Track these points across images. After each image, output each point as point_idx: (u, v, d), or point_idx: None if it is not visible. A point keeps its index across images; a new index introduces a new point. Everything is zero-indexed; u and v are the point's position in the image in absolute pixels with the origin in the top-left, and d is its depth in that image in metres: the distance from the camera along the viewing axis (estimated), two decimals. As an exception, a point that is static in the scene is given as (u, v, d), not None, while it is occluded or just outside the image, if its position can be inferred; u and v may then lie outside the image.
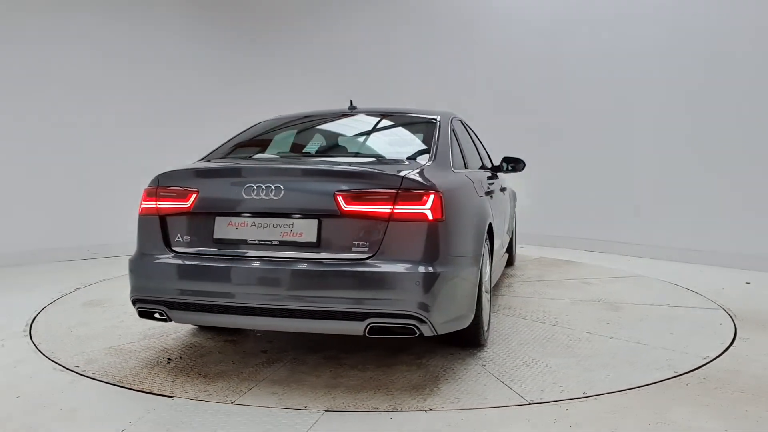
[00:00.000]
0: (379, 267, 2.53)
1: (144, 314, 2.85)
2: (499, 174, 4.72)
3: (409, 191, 2.58)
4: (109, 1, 6.73)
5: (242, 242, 2.71)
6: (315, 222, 2.63)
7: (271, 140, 3.62)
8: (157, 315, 2.81)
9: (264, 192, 2.66)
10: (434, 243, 2.59)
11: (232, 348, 3.34)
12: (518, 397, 2.63)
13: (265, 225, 2.68)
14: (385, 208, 2.56)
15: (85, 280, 5.21)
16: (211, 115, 7.18)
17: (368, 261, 2.55)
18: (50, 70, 6.27)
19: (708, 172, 6.06)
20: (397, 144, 3.52)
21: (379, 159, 3.22)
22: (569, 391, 2.69)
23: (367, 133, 3.67)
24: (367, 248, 2.57)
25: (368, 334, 2.55)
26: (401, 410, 2.51)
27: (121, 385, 2.77)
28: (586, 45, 6.93)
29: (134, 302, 2.86)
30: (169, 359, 3.15)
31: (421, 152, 3.17)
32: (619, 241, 6.68)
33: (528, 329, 3.68)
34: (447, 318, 2.67)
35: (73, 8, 6.45)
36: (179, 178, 2.87)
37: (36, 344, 3.40)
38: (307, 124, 3.88)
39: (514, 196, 5.77)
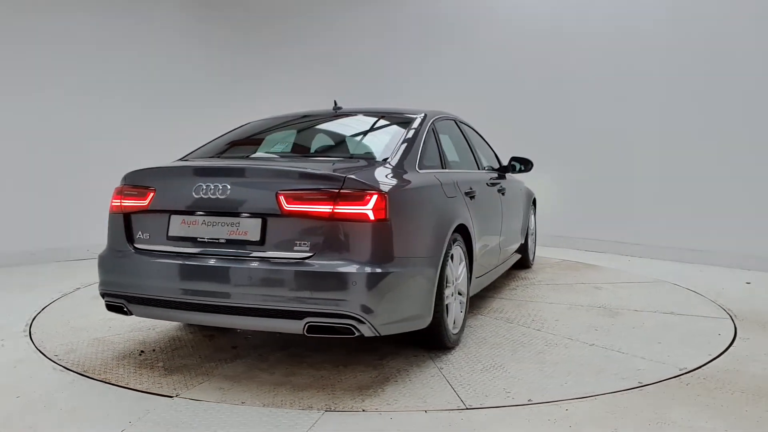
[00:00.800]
0: (318, 267, 2.55)
1: (110, 307, 2.97)
2: (510, 174, 4.85)
3: (350, 191, 2.59)
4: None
5: (193, 240, 2.78)
6: (259, 221, 2.68)
7: (247, 141, 3.70)
8: (123, 309, 2.93)
9: (212, 191, 2.73)
10: (375, 243, 2.59)
11: (207, 343, 3.40)
12: (459, 401, 2.58)
13: (214, 223, 2.75)
14: (325, 208, 2.58)
15: (85, 280, 5.21)
16: (211, 115, 7.18)
17: (308, 260, 2.58)
18: (51, 71, 6.27)
19: (708, 171, 6.06)
20: (364, 144, 3.52)
21: (340, 158, 3.20)
22: (514, 397, 2.61)
23: (340, 134, 3.71)
24: (308, 248, 2.60)
25: (307, 333, 2.58)
26: (399, 410, 2.51)
27: (122, 385, 2.78)
28: (586, 44, 6.93)
29: (102, 295, 2.99)
30: (141, 351, 3.27)
31: (383, 151, 3.16)
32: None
33: (507, 333, 3.60)
34: (391, 319, 2.66)
35: (72, 6, 6.45)
36: (139, 178, 2.99)
37: (36, 344, 3.41)
38: (288, 125, 3.95)
39: (529, 196, 5.64)
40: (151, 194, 2.90)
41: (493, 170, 4.65)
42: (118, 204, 3.00)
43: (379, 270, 2.57)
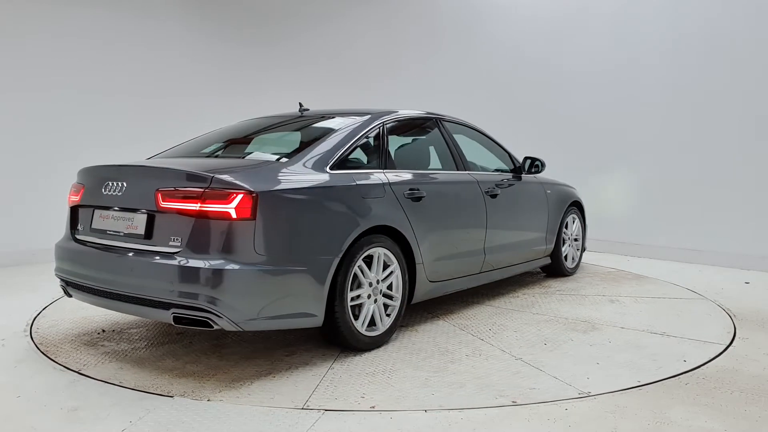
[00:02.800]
0: (183, 261, 2.72)
1: (63, 289, 3.35)
2: (541, 176, 4.91)
3: (216, 190, 2.73)
4: None
5: (105, 232, 3.11)
6: (145, 217, 2.92)
7: (204, 142, 3.86)
8: (66, 291, 3.32)
9: (114, 189, 3.06)
10: (237, 241, 2.70)
11: (164, 330, 3.48)
12: (304, 401, 2.59)
13: (118, 218, 3.06)
14: (193, 206, 2.74)
15: (86, 280, 5.21)
16: (210, 116, 7.18)
17: (176, 255, 2.76)
18: (51, 71, 6.27)
19: (708, 171, 6.06)
20: (285, 145, 3.56)
21: (251, 159, 3.35)
22: (359, 402, 2.58)
23: (282, 135, 3.72)
24: (179, 243, 2.77)
25: (174, 323, 2.77)
26: (396, 409, 2.51)
27: (122, 385, 2.78)
28: (586, 44, 6.94)
29: (58, 278, 3.37)
30: (103, 330, 3.69)
31: (291, 152, 3.26)
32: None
33: (446, 340, 3.48)
34: (257, 315, 2.76)
35: (70, 5, 6.46)
36: (80, 175, 3.38)
37: (36, 344, 3.41)
38: (248, 128, 4.03)
39: (564, 200, 5.26)
40: (83, 190, 3.29)
41: (499, 172, 4.62)
42: (69, 198, 3.41)
43: (237, 267, 2.68)
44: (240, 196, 2.71)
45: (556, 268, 5.30)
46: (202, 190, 2.74)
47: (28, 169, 6.12)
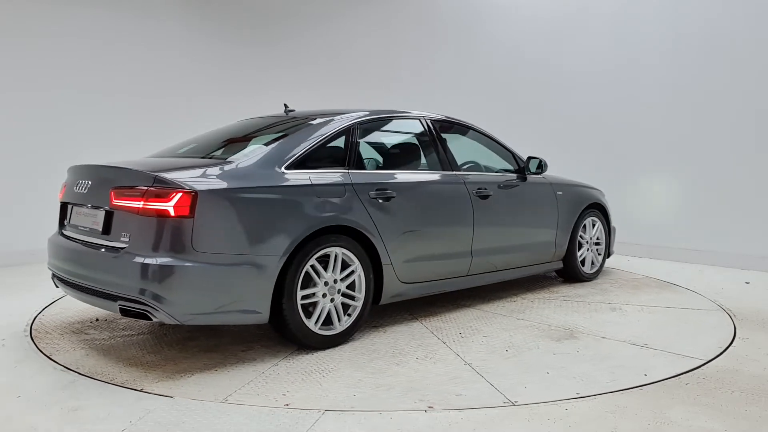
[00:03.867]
0: (127, 256, 2.88)
1: (53, 281, 3.54)
2: (551, 176, 4.87)
3: (158, 189, 2.87)
4: None
5: (78, 228, 3.32)
6: (103, 213, 3.10)
7: (198, 142, 3.92)
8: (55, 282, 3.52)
9: (82, 187, 3.29)
10: (174, 238, 2.82)
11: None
12: (225, 396, 2.65)
13: (87, 214, 3.26)
14: (137, 204, 2.90)
15: (86, 280, 5.21)
16: (210, 116, 7.18)
17: (123, 250, 2.92)
18: (51, 71, 6.27)
19: (708, 171, 6.06)
20: (249, 145, 3.59)
21: (212, 159, 3.42)
22: (280, 399, 2.61)
23: (256, 136, 3.73)
24: (128, 239, 2.93)
25: (121, 314, 2.95)
26: (397, 410, 2.51)
27: (122, 385, 2.78)
28: (586, 44, 6.94)
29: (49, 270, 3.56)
30: (97, 319, 3.90)
31: (247, 153, 3.37)
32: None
33: (407, 342, 3.44)
34: (196, 310, 2.88)
35: (69, 3, 6.46)
36: (67, 173, 3.59)
37: (37, 344, 3.41)
38: (236, 127, 4.07)
39: (579, 202, 5.04)
40: (65, 188, 3.56)
41: (501, 172, 4.57)
42: (59, 194, 3.65)
43: (173, 263, 2.79)
44: (179, 195, 2.83)
45: (570, 273, 5.07)
46: (146, 188, 2.89)
47: (28, 169, 6.12)
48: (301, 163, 3.33)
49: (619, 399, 2.63)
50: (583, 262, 5.13)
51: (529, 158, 4.69)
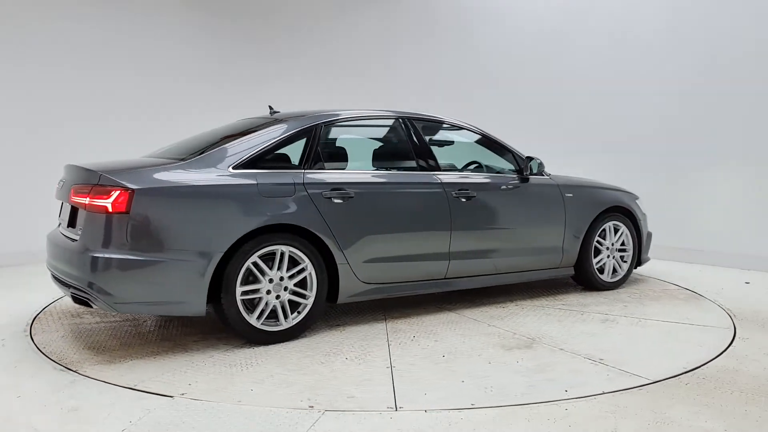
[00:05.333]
0: (76, 247, 3.15)
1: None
2: (550, 175, 4.60)
3: (101, 186, 3.09)
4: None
5: (60, 224, 3.63)
6: (69, 208, 3.44)
7: (181, 143, 3.99)
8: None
9: (62, 185, 3.55)
10: (110, 232, 3.03)
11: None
12: (135, 383, 2.80)
13: (64, 211, 3.57)
14: (84, 200, 3.14)
15: (86, 280, 5.21)
16: (211, 116, 7.18)
17: (75, 241, 3.20)
18: (51, 72, 6.28)
19: (708, 171, 6.06)
20: (208, 146, 3.60)
21: (175, 159, 3.49)
22: (180, 389, 2.72)
23: (231, 137, 3.71)
24: (80, 232, 3.18)
25: (73, 301, 3.21)
26: (400, 410, 2.51)
27: (122, 385, 2.78)
28: (586, 44, 6.94)
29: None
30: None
31: (209, 152, 3.45)
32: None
33: (352, 343, 3.42)
34: (130, 300, 3.08)
35: (68, 7, 6.46)
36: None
37: (36, 344, 3.41)
38: (223, 129, 4.08)
39: (595, 205, 4.68)
40: (57, 187, 3.70)
41: (499, 174, 4.45)
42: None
43: (109, 256, 3.01)
44: (117, 192, 3.03)
45: (584, 281, 4.74)
46: (92, 186, 3.13)
47: (28, 169, 6.12)
48: (251, 163, 3.43)
49: (619, 399, 2.63)
50: (601, 270, 4.76)
51: (528, 158, 4.50)
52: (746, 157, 5.79)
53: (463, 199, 4.04)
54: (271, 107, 4.30)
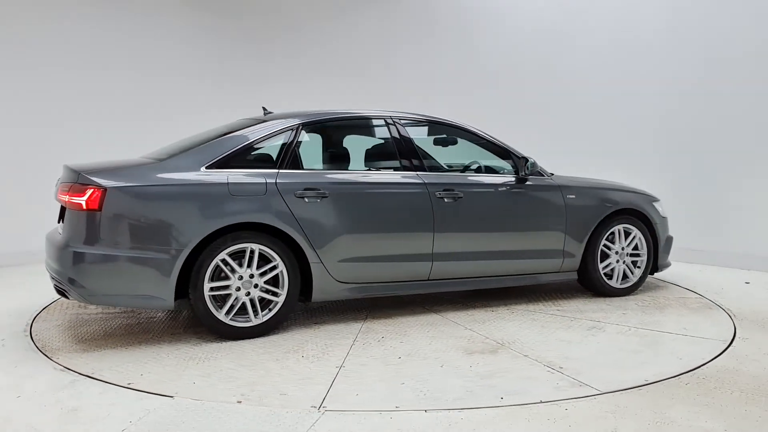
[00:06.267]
0: (58, 240, 3.35)
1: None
2: (551, 175, 4.44)
3: (79, 185, 3.26)
4: None
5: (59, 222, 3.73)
6: (60, 206, 3.61)
7: (173, 144, 4.02)
8: None
9: (57, 185, 3.61)
10: (83, 228, 3.22)
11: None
12: (92, 372, 2.94)
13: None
14: (65, 197, 3.32)
15: (85, 280, 5.21)
16: (211, 116, 7.18)
17: (60, 234, 3.39)
18: (50, 73, 6.28)
19: (708, 171, 6.06)
20: (198, 145, 3.66)
21: (156, 159, 3.59)
22: (127, 379, 2.85)
23: (216, 137, 3.72)
24: (63, 228, 3.38)
25: (55, 291, 3.44)
26: (400, 410, 2.51)
27: (122, 385, 2.78)
28: (588, 42, 6.94)
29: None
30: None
31: (185, 153, 3.56)
32: None
33: (318, 341, 3.43)
34: (101, 293, 3.23)
35: (67, 7, 6.46)
36: None
37: (36, 344, 3.41)
38: (215, 130, 4.07)
39: (600, 208, 4.44)
40: (55, 187, 3.74)
41: (495, 174, 4.38)
42: None
43: (81, 250, 3.20)
44: (91, 191, 3.20)
45: (589, 286, 4.53)
46: (71, 184, 3.30)
47: (28, 170, 6.12)
48: (224, 163, 3.51)
49: (619, 399, 2.63)
50: (607, 275, 4.52)
51: (523, 158, 4.32)
52: (746, 156, 5.79)
53: (449, 200, 3.95)
54: (264, 108, 4.29)
